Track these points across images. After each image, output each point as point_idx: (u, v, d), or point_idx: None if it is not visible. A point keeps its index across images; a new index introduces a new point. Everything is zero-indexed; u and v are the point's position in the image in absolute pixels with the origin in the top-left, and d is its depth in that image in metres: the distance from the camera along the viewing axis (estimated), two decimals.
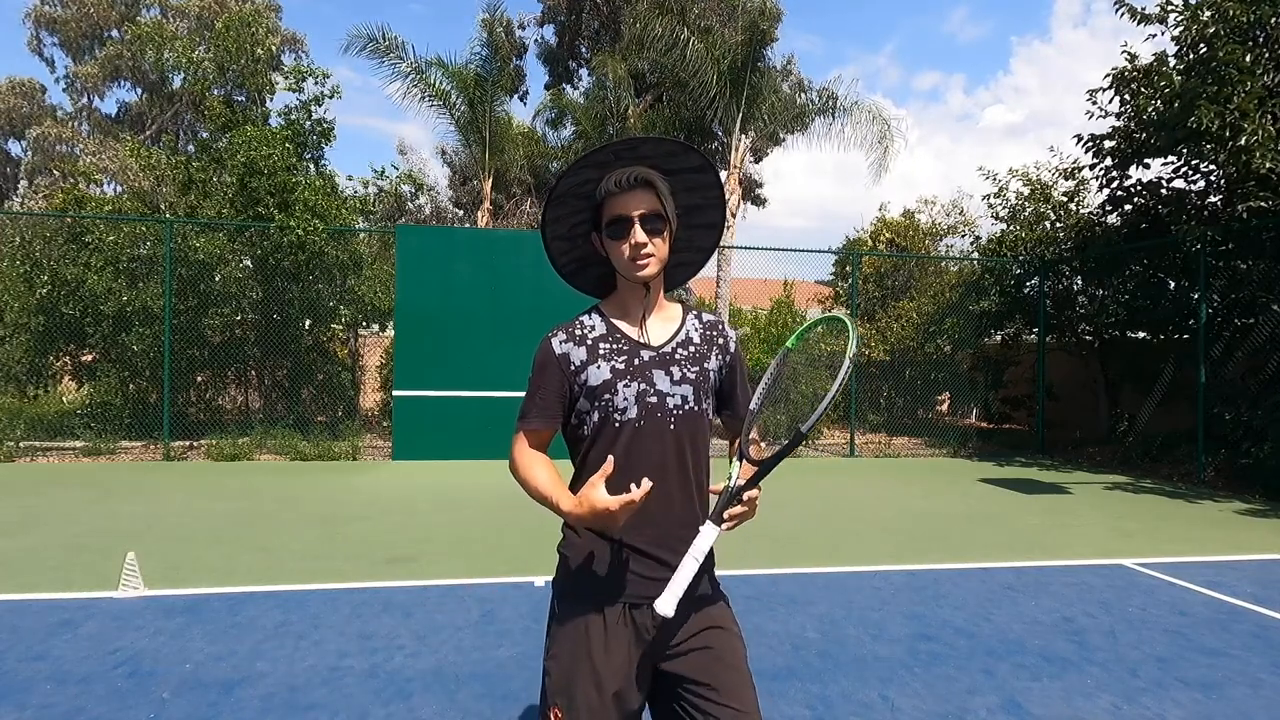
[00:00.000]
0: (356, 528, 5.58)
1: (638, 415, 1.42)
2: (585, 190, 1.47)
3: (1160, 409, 10.19)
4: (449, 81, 14.80)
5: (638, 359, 1.45)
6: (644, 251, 1.42)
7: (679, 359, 1.47)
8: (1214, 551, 5.37)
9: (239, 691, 2.81)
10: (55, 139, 23.95)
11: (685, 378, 1.46)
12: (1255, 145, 7.63)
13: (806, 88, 16.23)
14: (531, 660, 3.14)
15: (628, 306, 1.51)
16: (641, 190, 1.42)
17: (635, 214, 1.41)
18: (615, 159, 1.45)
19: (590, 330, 1.49)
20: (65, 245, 9.55)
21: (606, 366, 1.44)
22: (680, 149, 1.48)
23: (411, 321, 9.17)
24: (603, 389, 1.43)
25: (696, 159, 1.49)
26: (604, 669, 1.36)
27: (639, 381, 1.43)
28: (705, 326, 1.56)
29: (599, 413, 1.44)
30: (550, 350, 1.47)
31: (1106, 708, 2.83)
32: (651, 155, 1.46)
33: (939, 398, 13.77)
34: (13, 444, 8.96)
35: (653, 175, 1.44)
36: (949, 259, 14.07)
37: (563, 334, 1.48)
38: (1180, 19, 8.62)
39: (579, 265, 1.58)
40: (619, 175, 1.42)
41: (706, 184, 1.52)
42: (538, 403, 1.48)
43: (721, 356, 1.54)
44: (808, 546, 5.31)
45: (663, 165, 1.47)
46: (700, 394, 1.48)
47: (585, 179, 1.46)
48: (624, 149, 1.45)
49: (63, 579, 4.16)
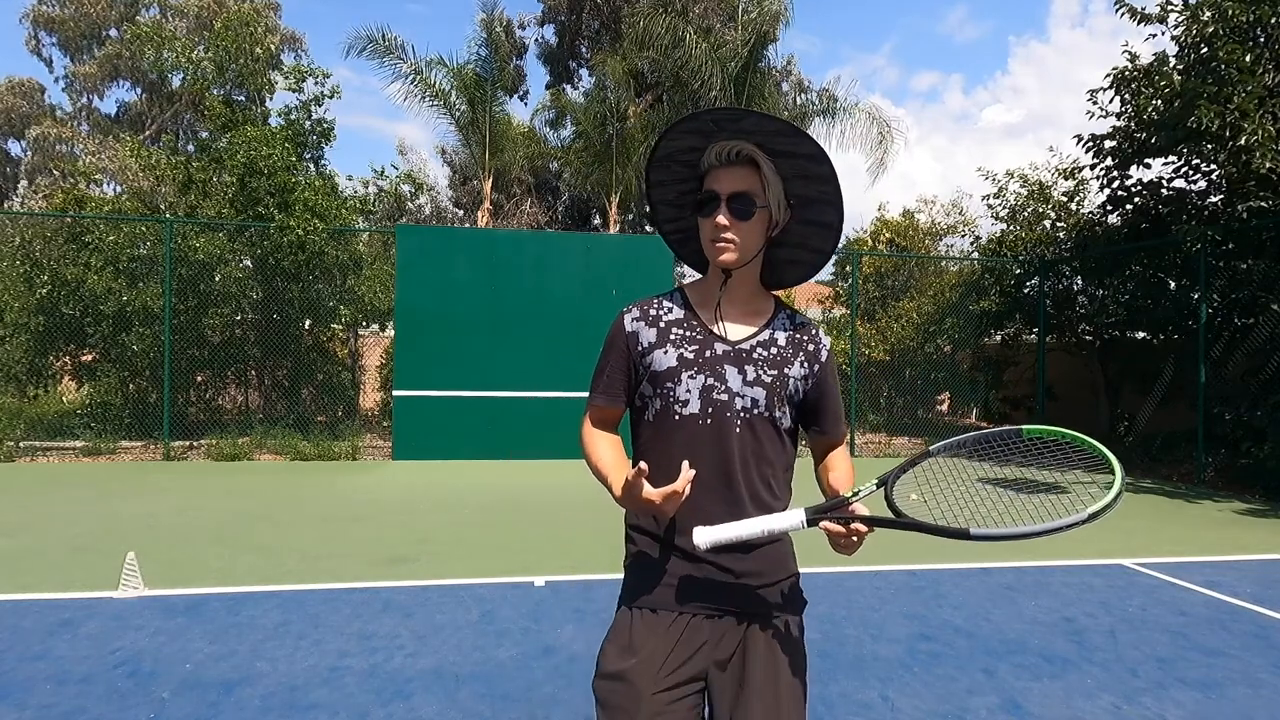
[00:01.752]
0: (356, 528, 5.58)
1: (701, 411, 1.32)
2: (691, 159, 1.37)
3: (1160, 409, 10.19)
4: (449, 81, 14.81)
5: (710, 351, 1.34)
6: (724, 235, 1.31)
7: (756, 358, 1.35)
8: (1214, 551, 5.37)
9: (239, 691, 2.81)
10: (55, 139, 23.93)
11: (760, 380, 1.34)
12: (1255, 145, 7.63)
13: (806, 88, 16.26)
14: (532, 660, 3.14)
15: (711, 292, 1.40)
16: (742, 167, 1.31)
17: (725, 192, 1.31)
18: (716, 128, 1.32)
19: (666, 312, 1.40)
20: (65, 245, 9.55)
21: (674, 353, 1.34)
22: (789, 130, 1.30)
23: (411, 321, 9.17)
24: (666, 376, 1.34)
25: (811, 145, 1.30)
26: (652, 690, 1.26)
27: (706, 375, 1.33)
28: (796, 329, 1.42)
29: (660, 400, 1.35)
30: (621, 326, 1.40)
31: (1106, 708, 2.83)
32: (755, 131, 1.31)
33: (939, 397, 13.77)
34: (13, 444, 8.96)
35: (757, 153, 1.31)
36: (949, 259, 14.07)
37: (636, 311, 1.41)
38: (1180, 19, 8.62)
39: (684, 235, 1.48)
40: (720, 148, 1.32)
41: (823, 176, 1.33)
42: (604, 380, 1.40)
43: (809, 365, 1.40)
44: (808, 547, 5.29)
45: (769, 145, 1.32)
46: (775, 400, 1.34)
47: (689, 145, 1.35)
48: (725, 118, 1.31)
49: (63, 579, 4.16)
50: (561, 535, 5.40)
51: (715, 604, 1.31)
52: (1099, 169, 10.13)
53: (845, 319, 12.91)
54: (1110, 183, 10.20)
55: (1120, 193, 10.24)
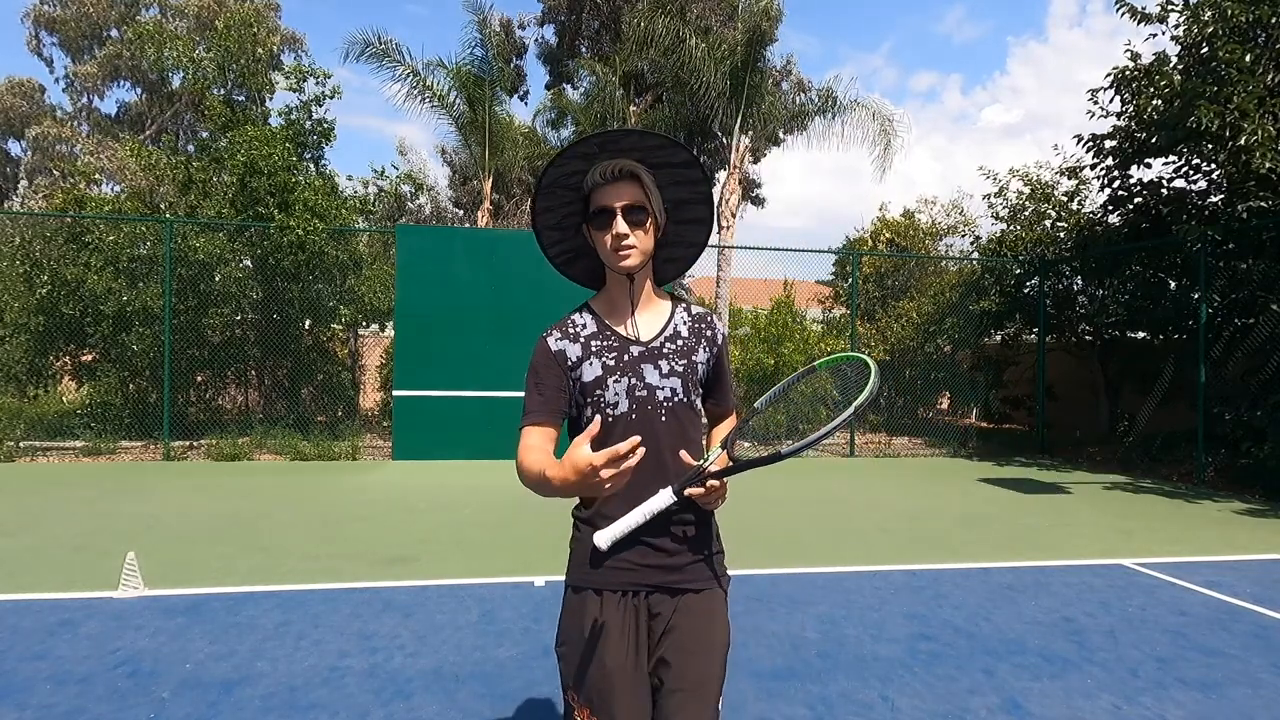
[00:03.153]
0: (356, 528, 5.58)
1: (629, 409, 1.46)
2: (574, 182, 1.49)
3: (1160, 409, 10.19)
4: (448, 82, 14.80)
5: (627, 355, 1.48)
6: (625, 243, 1.43)
7: (667, 353, 1.50)
8: (1214, 551, 5.37)
9: (239, 691, 2.81)
10: (55, 139, 23.93)
11: (674, 370, 1.49)
12: (1255, 145, 7.63)
13: (806, 88, 16.25)
14: (532, 660, 3.14)
15: (616, 301, 1.53)
16: (626, 182, 1.44)
17: (618, 205, 1.43)
18: (600, 150, 1.46)
19: (582, 328, 1.52)
20: (65, 245, 9.55)
21: (598, 363, 1.47)
22: (665, 143, 1.48)
23: (411, 321, 9.17)
24: (594, 385, 1.47)
25: (683, 154, 1.50)
26: (607, 655, 1.41)
27: (629, 376, 1.47)
28: (694, 319, 1.58)
29: (592, 408, 1.48)
30: (546, 348, 1.51)
31: (1106, 708, 2.83)
32: (636, 148, 1.47)
33: (939, 397, 13.78)
34: (13, 444, 8.96)
35: (637, 168, 1.45)
36: (949, 259, 14.07)
37: (557, 333, 1.52)
38: (1180, 19, 8.62)
39: (571, 256, 1.60)
40: (604, 167, 1.43)
41: (693, 179, 1.52)
42: (538, 398, 1.49)
43: (709, 349, 1.56)
44: (808, 546, 5.31)
45: (648, 159, 1.48)
46: (689, 385, 1.50)
47: (573, 170, 1.48)
48: (608, 141, 1.46)
49: (63, 579, 4.16)
50: (562, 535, 5.38)
51: (650, 582, 1.46)
52: (1099, 169, 10.14)
53: (845, 319, 12.92)
54: (1110, 182, 10.21)
55: (1120, 192, 10.24)
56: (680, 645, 1.43)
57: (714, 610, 1.50)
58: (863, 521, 6.23)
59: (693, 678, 1.42)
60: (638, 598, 1.46)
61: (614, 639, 1.43)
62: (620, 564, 1.45)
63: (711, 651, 1.46)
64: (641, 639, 1.45)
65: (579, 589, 1.49)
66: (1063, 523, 6.29)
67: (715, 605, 1.51)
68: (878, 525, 6.08)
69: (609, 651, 1.42)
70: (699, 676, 1.42)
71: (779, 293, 12.30)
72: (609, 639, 1.43)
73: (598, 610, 1.45)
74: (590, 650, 1.43)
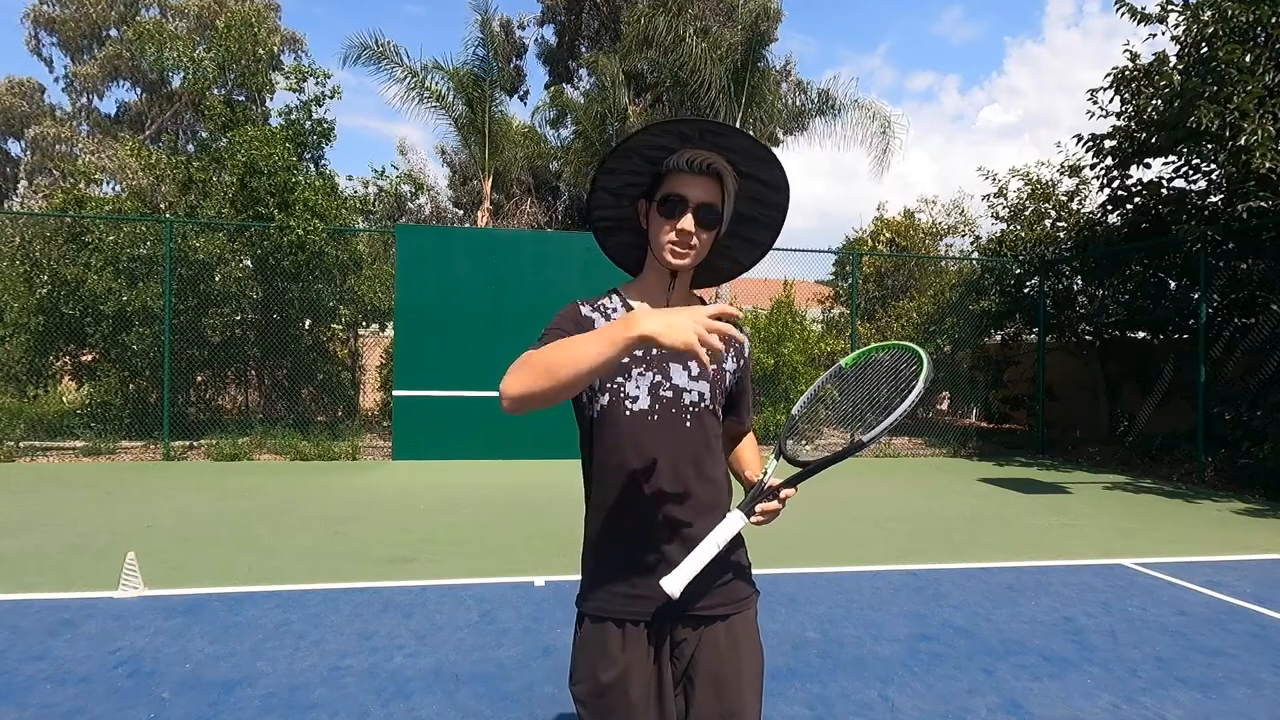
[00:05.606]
0: (356, 528, 5.58)
1: (650, 407, 1.36)
2: (655, 155, 1.37)
3: (1160, 409, 10.19)
4: (447, 83, 14.81)
5: (655, 349, 1.37)
6: (689, 241, 1.35)
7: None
8: (1214, 551, 5.37)
9: (239, 691, 2.81)
10: (54, 139, 23.95)
11: (704, 374, 1.40)
12: (1255, 145, 7.63)
13: (806, 88, 16.25)
14: (532, 660, 3.14)
15: (651, 293, 1.44)
16: (710, 179, 1.36)
17: (695, 200, 1.35)
18: (699, 136, 1.34)
19: (612, 311, 1.44)
20: (65, 245, 9.55)
21: None
22: (768, 159, 1.36)
23: (411, 321, 9.17)
24: (617, 371, 1.36)
25: (778, 176, 1.38)
26: (631, 701, 1.32)
27: (654, 372, 1.37)
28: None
29: (608, 396, 1.37)
30: (577, 311, 1.43)
31: (1106, 708, 2.83)
32: (734, 149, 1.35)
33: (939, 397, 13.77)
34: (13, 444, 8.96)
35: (726, 169, 1.36)
36: (949, 259, 14.07)
37: (589, 305, 1.45)
38: (1180, 19, 8.62)
39: (613, 225, 1.50)
40: (695, 156, 1.34)
41: (772, 202, 1.42)
42: (559, 334, 1.35)
43: (738, 359, 1.48)
44: (808, 546, 5.31)
45: (739, 164, 1.37)
46: (716, 393, 1.42)
47: (661, 145, 1.36)
48: (709, 131, 1.34)
49: (63, 579, 4.16)
50: (562, 535, 5.39)
51: (677, 609, 1.35)
52: (1099, 169, 10.15)
53: (845, 319, 12.91)
54: (1110, 182, 10.21)
55: (1120, 192, 10.25)
56: (709, 677, 1.35)
57: (738, 638, 1.40)
58: (863, 521, 6.23)
59: (723, 712, 1.34)
60: (663, 626, 1.36)
61: (637, 683, 1.33)
62: (644, 590, 1.34)
63: (740, 685, 1.37)
64: (666, 678, 1.36)
65: (598, 619, 1.38)
66: (1063, 523, 6.29)
67: (744, 629, 1.42)
68: (878, 525, 6.08)
69: (633, 697, 1.32)
70: (730, 709, 1.34)
71: (779, 292, 12.30)
72: (632, 683, 1.33)
73: (619, 647, 1.34)
74: (613, 697, 1.33)
